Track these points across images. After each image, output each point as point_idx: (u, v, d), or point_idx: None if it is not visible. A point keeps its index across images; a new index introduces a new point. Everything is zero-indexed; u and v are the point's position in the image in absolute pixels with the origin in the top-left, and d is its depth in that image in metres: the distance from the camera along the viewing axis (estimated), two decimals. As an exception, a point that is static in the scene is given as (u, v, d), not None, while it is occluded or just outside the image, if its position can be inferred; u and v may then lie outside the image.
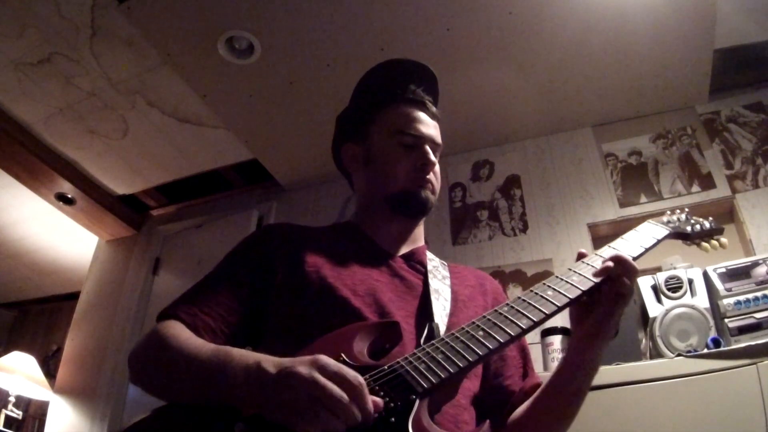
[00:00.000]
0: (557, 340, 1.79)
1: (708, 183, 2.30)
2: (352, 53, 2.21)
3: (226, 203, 3.30)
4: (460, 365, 0.68)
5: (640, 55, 2.27)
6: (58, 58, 2.38)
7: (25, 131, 2.78)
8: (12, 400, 2.95)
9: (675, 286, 1.69)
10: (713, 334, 1.56)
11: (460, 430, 0.78)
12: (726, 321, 1.58)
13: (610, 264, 0.75)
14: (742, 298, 1.59)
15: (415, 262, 0.99)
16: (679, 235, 0.99)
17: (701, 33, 2.15)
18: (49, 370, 3.62)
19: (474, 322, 0.75)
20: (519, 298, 0.77)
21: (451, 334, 0.74)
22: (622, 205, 2.39)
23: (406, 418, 0.63)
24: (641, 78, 2.38)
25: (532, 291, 0.78)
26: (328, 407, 0.58)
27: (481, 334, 0.72)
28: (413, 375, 0.68)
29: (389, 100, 1.06)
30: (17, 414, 3.08)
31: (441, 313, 0.87)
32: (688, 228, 1.01)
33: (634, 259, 0.82)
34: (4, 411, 2.99)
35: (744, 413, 1.31)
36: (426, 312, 0.87)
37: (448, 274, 1.00)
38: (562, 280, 0.79)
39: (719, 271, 1.68)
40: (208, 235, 3.12)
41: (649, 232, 0.92)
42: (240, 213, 3.06)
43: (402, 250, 1.01)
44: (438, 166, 1.04)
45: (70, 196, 3.14)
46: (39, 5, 2.14)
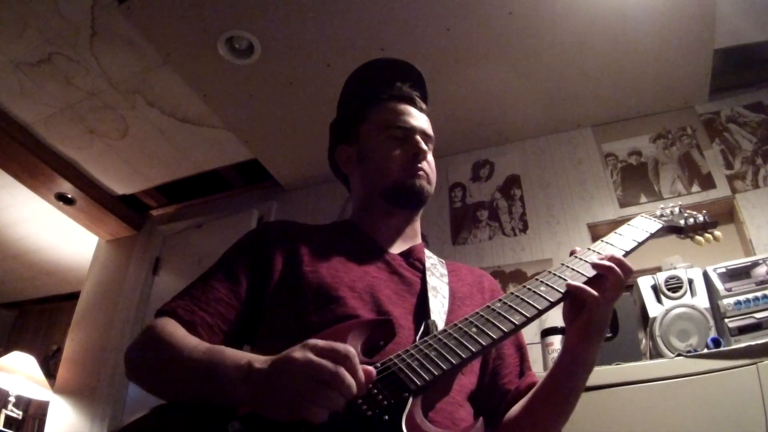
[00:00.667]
0: (557, 340, 1.79)
1: (708, 183, 2.30)
2: (352, 53, 2.21)
3: (226, 203, 3.30)
4: (453, 362, 0.68)
5: (640, 56, 2.27)
6: (58, 58, 2.38)
7: (25, 131, 2.78)
8: (12, 400, 2.95)
9: (675, 286, 1.69)
10: (713, 334, 1.56)
11: (456, 427, 0.78)
12: (726, 321, 1.58)
13: (607, 263, 0.76)
14: (742, 298, 1.59)
15: (413, 259, 0.99)
16: (672, 228, 0.98)
17: (701, 33, 2.15)
18: (49, 370, 3.62)
19: (467, 318, 0.75)
20: (512, 293, 0.77)
21: (444, 330, 0.74)
22: (622, 205, 2.39)
23: (400, 415, 0.63)
24: (641, 78, 2.38)
25: (524, 287, 0.78)
26: (327, 381, 0.59)
27: (474, 330, 0.72)
28: (406, 372, 0.68)
29: (377, 98, 1.06)
30: (17, 414, 3.08)
31: (439, 310, 0.87)
32: (681, 221, 1.00)
33: (627, 253, 0.83)
34: (4, 411, 2.99)
35: (744, 413, 1.31)
36: (424, 309, 0.87)
37: (446, 272, 1.00)
38: (555, 275, 0.79)
39: (719, 271, 1.68)
40: (208, 235, 3.12)
41: (642, 226, 0.92)
42: (240, 213, 3.06)
43: (400, 248, 1.01)
44: (432, 157, 1.04)
45: (70, 196, 3.14)
46: (39, 5, 2.14)
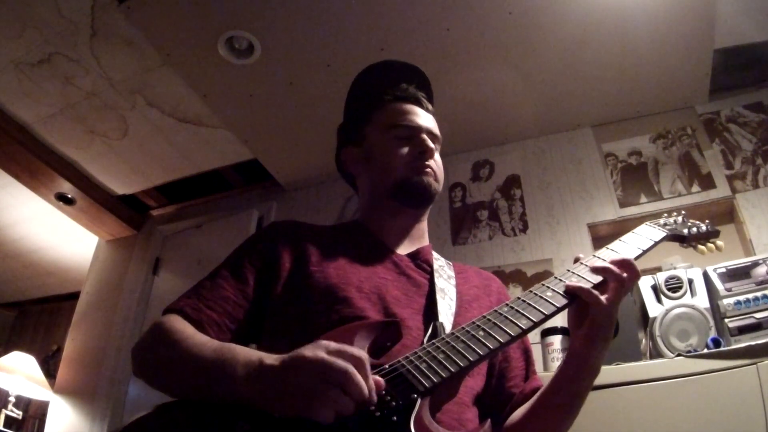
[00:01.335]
0: (557, 340, 1.79)
1: (708, 183, 2.30)
2: (352, 53, 2.21)
3: (226, 203, 3.30)
4: (461, 365, 0.68)
5: (640, 55, 2.27)
6: (58, 58, 2.38)
7: (25, 131, 2.78)
8: (12, 400, 2.95)
9: (675, 286, 1.69)
10: (713, 334, 1.56)
11: (463, 428, 0.78)
12: (726, 321, 1.58)
13: (612, 267, 0.77)
14: (742, 298, 1.59)
15: (421, 260, 0.99)
16: (676, 237, 1.00)
17: (701, 33, 2.15)
18: (49, 370, 3.62)
19: (474, 321, 0.75)
20: (519, 298, 0.78)
21: (452, 333, 0.75)
22: (622, 205, 2.39)
23: (408, 416, 0.63)
24: (641, 78, 2.38)
25: (531, 292, 0.79)
26: (337, 382, 0.59)
27: (482, 333, 0.72)
28: (414, 374, 0.68)
29: (382, 99, 1.07)
30: (17, 414, 3.08)
31: (446, 312, 0.87)
32: (685, 230, 1.02)
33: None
34: (4, 411, 2.99)
35: (744, 413, 1.31)
36: (432, 311, 0.87)
37: (453, 274, 1.00)
38: (561, 281, 0.79)
39: (719, 271, 1.68)
40: (208, 235, 3.12)
41: (647, 234, 0.93)
42: (240, 213, 3.06)
43: (408, 249, 1.01)
44: (439, 156, 1.04)
45: (70, 196, 3.14)
46: (39, 5, 2.14)
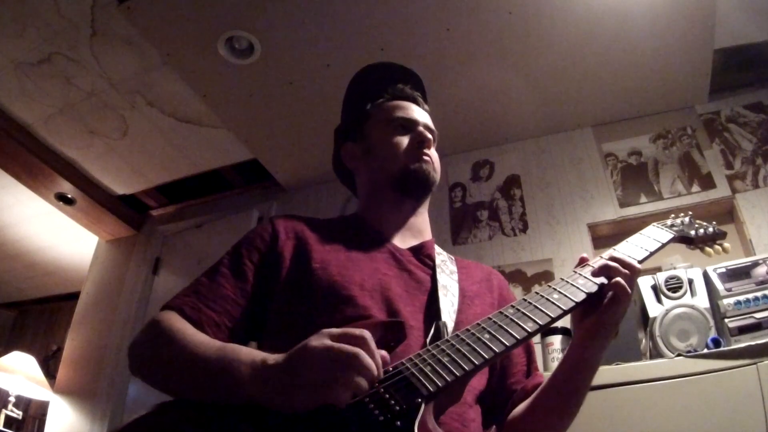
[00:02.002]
0: (557, 340, 1.79)
1: (708, 183, 2.30)
2: (352, 53, 2.21)
3: (226, 203, 3.30)
4: (466, 368, 0.68)
5: (640, 55, 2.27)
6: (58, 58, 2.38)
7: (25, 131, 2.78)
8: (12, 400, 2.95)
9: (675, 286, 1.69)
10: (713, 334, 1.56)
11: (466, 429, 0.78)
12: (726, 321, 1.58)
13: (613, 264, 0.77)
14: (742, 298, 1.59)
15: (423, 255, 0.99)
16: (683, 239, 1.00)
17: (701, 33, 2.15)
18: (49, 370, 3.62)
19: (479, 324, 0.75)
20: (524, 300, 0.77)
21: (456, 335, 0.74)
22: (622, 205, 2.39)
23: (412, 421, 0.62)
24: (641, 78, 2.38)
25: (537, 293, 0.78)
26: (348, 363, 0.60)
27: (487, 336, 0.72)
28: (418, 377, 0.67)
29: (381, 97, 1.09)
30: (17, 414, 3.08)
31: (449, 309, 0.87)
32: (692, 232, 1.02)
33: (639, 263, 0.82)
34: (4, 411, 2.99)
35: (744, 413, 1.31)
36: (434, 309, 0.86)
37: (455, 269, 1.00)
38: (568, 282, 0.79)
39: (719, 271, 1.68)
40: (208, 235, 3.12)
41: (654, 235, 0.94)
42: (240, 213, 3.06)
43: (410, 243, 1.01)
44: (436, 152, 1.06)
45: (70, 196, 3.14)
46: (39, 5, 2.14)
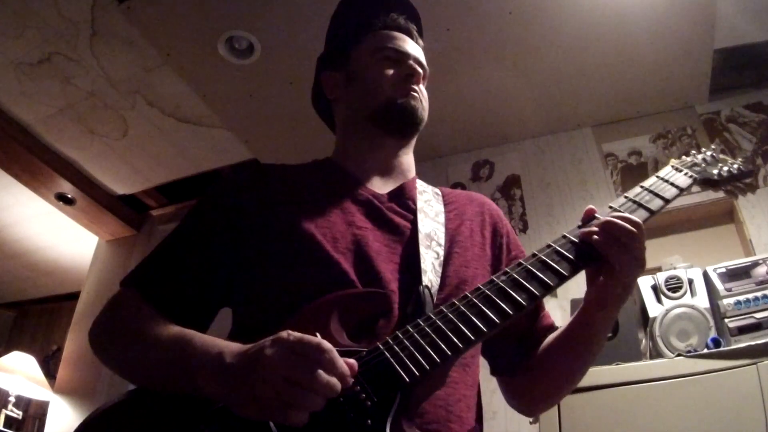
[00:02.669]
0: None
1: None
2: (352, 53, 2.21)
3: (226, 203, 3.29)
4: (449, 353, 0.60)
5: (640, 56, 2.26)
6: (58, 58, 2.38)
7: (25, 131, 2.78)
8: (12, 400, 2.95)
9: (675, 286, 1.69)
10: (713, 334, 1.56)
11: (451, 414, 0.70)
12: (726, 321, 1.58)
13: (617, 223, 0.68)
14: (742, 298, 1.59)
15: (405, 199, 0.88)
16: (705, 181, 0.89)
17: (701, 33, 2.15)
18: (49, 370, 3.62)
19: (467, 295, 0.67)
20: (519, 264, 0.70)
21: (441, 310, 0.66)
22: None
23: (385, 419, 0.57)
24: (641, 78, 2.38)
25: (536, 256, 0.71)
26: (302, 383, 0.53)
27: (475, 312, 0.64)
28: (394, 365, 0.60)
29: (372, 25, 0.98)
30: (17, 414, 3.08)
31: (433, 263, 0.78)
32: (715, 171, 0.90)
33: (654, 213, 0.76)
34: (4, 411, 2.99)
35: (744, 413, 1.31)
36: (415, 266, 0.76)
37: (442, 208, 0.90)
38: (569, 241, 0.71)
39: (719, 271, 1.68)
40: (208, 235, 3.11)
41: (672, 178, 0.85)
42: (240, 213, 3.06)
43: (389, 186, 0.90)
44: (425, 90, 0.97)
45: (70, 196, 3.13)
46: (39, 5, 2.14)
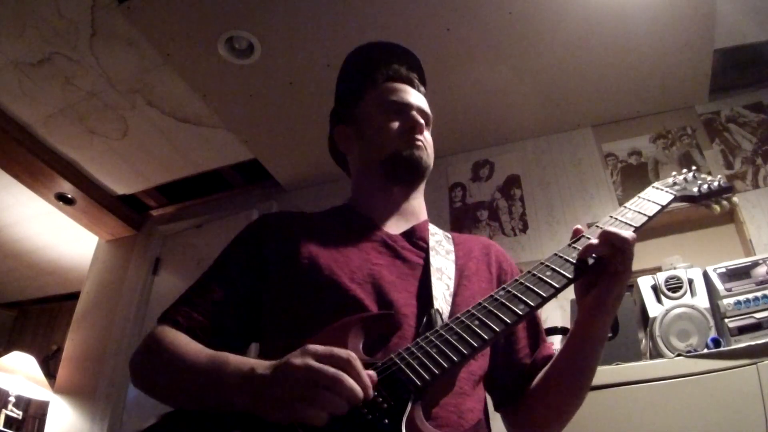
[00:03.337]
0: (557, 340, 1.79)
1: (708, 183, 2.30)
2: (352, 53, 2.21)
3: (226, 203, 3.30)
4: (455, 359, 0.66)
5: (640, 55, 2.27)
6: (58, 58, 2.38)
7: (25, 131, 2.78)
8: (12, 400, 2.95)
9: (675, 286, 1.69)
10: (713, 334, 1.56)
11: (463, 420, 0.76)
12: (726, 321, 1.58)
13: (606, 237, 0.73)
14: (742, 298, 1.59)
15: (416, 239, 0.95)
16: (685, 198, 0.94)
17: (701, 33, 2.15)
18: (49, 370, 3.61)
19: (470, 310, 0.73)
20: (516, 281, 0.75)
21: (447, 324, 0.72)
22: (622, 205, 2.38)
23: (400, 419, 0.62)
24: (641, 78, 2.38)
25: (530, 273, 0.76)
26: (328, 387, 0.60)
27: (477, 323, 0.70)
28: (406, 372, 0.66)
29: (375, 79, 1.05)
30: (17, 414, 3.08)
31: (444, 293, 0.85)
32: (695, 189, 0.95)
33: (638, 229, 0.79)
34: (4, 411, 2.99)
35: (744, 413, 1.31)
36: (427, 294, 0.83)
37: (452, 248, 0.97)
38: (561, 258, 0.77)
39: (719, 271, 1.68)
40: (208, 235, 3.12)
41: (653, 197, 0.89)
42: (240, 213, 3.06)
43: (402, 228, 0.97)
44: (429, 136, 1.04)
45: (70, 196, 3.14)
46: (39, 5, 2.14)
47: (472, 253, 0.98)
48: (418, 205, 1.03)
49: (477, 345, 0.67)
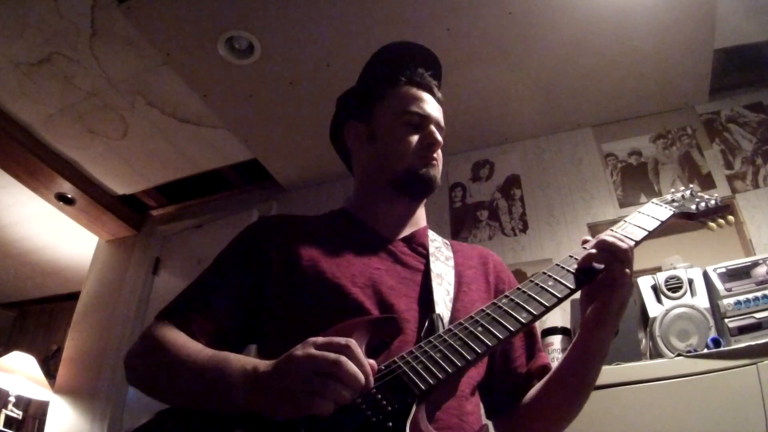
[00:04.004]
0: (557, 340, 1.79)
1: (708, 183, 2.30)
2: (352, 53, 2.21)
3: (226, 203, 3.30)
4: (459, 365, 0.67)
5: (640, 55, 2.27)
6: (58, 58, 2.38)
7: (25, 131, 2.78)
8: (12, 400, 2.95)
9: (675, 286, 1.69)
10: (713, 334, 1.56)
11: (464, 422, 0.77)
12: (726, 321, 1.58)
13: (607, 248, 0.74)
14: (742, 298, 1.60)
15: (416, 244, 0.97)
16: (683, 215, 0.96)
17: (701, 33, 2.15)
18: (49, 370, 3.62)
19: (473, 316, 0.74)
20: (518, 289, 0.76)
21: (449, 330, 0.73)
22: (622, 204, 2.39)
23: (404, 421, 0.63)
24: (641, 78, 2.38)
25: (532, 281, 0.77)
26: (330, 373, 0.60)
27: (480, 330, 0.71)
28: (410, 376, 0.67)
29: (398, 80, 1.03)
30: (17, 414, 3.08)
31: (444, 299, 0.85)
32: (693, 206, 0.97)
33: (637, 243, 0.80)
34: (4, 411, 2.99)
35: (744, 413, 1.31)
36: (428, 300, 0.84)
37: (451, 254, 0.98)
38: (564, 268, 0.77)
39: (719, 271, 1.68)
40: (208, 235, 3.12)
41: (653, 213, 0.91)
42: (240, 213, 3.06)
43: (402, 234, 0.98)
44: (440, 151, 1.03)
45: (70, 196, 3.14)
46: (39, 5, 2.14)
47: (470, 262, 0.99)
48: (419, 213, 1.04)
49: (481, 351, 0.68)
